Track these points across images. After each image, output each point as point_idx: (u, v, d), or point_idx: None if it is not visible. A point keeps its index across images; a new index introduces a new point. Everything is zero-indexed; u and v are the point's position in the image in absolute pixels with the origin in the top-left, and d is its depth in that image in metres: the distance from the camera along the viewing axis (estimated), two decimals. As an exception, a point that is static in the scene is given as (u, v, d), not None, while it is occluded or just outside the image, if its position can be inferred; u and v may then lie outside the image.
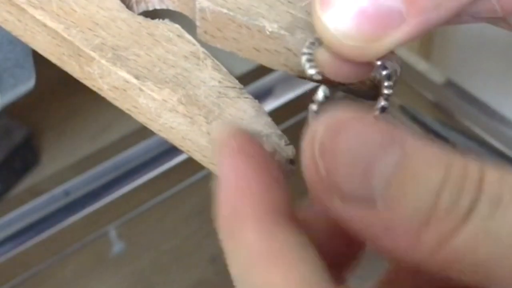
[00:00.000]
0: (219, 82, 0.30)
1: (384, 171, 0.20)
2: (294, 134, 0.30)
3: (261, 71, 0.66)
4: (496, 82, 0.71)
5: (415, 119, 0.68)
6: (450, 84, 0.67)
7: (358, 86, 0.31)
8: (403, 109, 0.68)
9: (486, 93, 0.67)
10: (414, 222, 0.20)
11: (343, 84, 0.31)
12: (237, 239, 0.22)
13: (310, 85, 0.64)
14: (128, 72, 0.30)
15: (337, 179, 0.21)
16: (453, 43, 0.79)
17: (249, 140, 0.24)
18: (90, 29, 0.32)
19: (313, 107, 0.28)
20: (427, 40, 0.77)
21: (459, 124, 0.66)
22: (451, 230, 0.20)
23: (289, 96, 0.67)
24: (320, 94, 0.28)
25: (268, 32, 0.31)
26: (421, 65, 0.69)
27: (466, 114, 0.66)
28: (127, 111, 0.31)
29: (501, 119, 0.65)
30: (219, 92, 0.30)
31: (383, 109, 0.27)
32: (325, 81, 0.28)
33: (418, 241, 0.20)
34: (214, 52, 0.32)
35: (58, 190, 0.62)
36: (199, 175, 0.67)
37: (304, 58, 0.28)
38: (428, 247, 0.20)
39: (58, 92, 0.77)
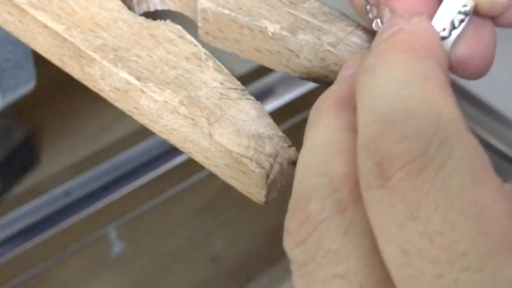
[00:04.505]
0: (221, 83, 0.30)
1: None
2: (294, 135, 0.30)
3: (262, 71, 0.66)
4: (497, 81, 0.71)
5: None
6: (450, 84, 0.67)
7: None
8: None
9: (487, 93, 0.67)
10: None
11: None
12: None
13: (310, 85, 0.64)
14: (130, 73, 0.30)
15: None
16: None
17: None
18: (91, 30, 0.32)
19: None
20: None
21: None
22: None
23: (290, 96, 0.67)
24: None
25: (270, 33, 0.31)
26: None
27: (466, 114, 0.66)
28: (128, 113, 0.31)
29: (502, 119, 0.65)
30: (221, 94, 0.30)
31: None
32: None
33: None
34: (214, 51, 0.32)
35: (58, 190, 0.62)
36: (199, 175, 0.67)
37: None
38: None
39: (58, 92, 0.77)
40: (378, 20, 0.28)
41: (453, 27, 0.27)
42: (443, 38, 0.27)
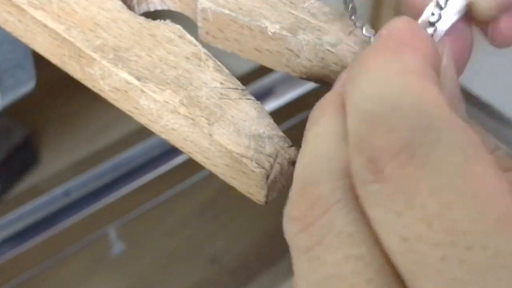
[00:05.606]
0: (221, 83, 0.30)
1: None
2: (295, 135, 0.30)
3: (262, 71, 0.66)
4: (497, 81, 0.71)
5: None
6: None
7: None
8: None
9: (487, 93, 0.67)
10: None
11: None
12: None
13: (310, 85, 0.64)
14: (130, 73, 0.30)
15: None
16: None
17: None
18: (91, 30, 0.32)
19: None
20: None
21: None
22: None
23: (290, 96, 0.67)
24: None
25: (270, 33, 0.31)
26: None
27: (466, 113, 0.66)
28: (128, 113, 0.31)
29: (502, 119, 0.65)
30: (221, 94, 0.30)
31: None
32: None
33: None
34: (214, 51, 0.32)
35: (58, 190, 0.62)
36: (199, 176, 0.67)
37: None
38: None
39: (58, 92, 0.77)
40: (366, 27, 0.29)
41: (440, 8, 0.27)
42: (433, 24, 0.27)
